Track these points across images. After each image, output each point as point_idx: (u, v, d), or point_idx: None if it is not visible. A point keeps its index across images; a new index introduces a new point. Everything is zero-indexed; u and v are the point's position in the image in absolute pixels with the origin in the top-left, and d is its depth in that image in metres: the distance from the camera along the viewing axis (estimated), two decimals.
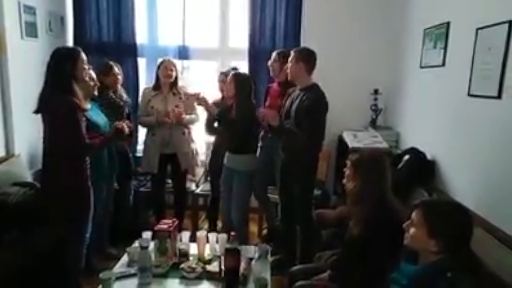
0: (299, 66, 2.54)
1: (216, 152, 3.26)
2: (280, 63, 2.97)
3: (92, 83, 2.61)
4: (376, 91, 3.70)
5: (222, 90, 3.19)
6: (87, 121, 2.34)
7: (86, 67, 2.25)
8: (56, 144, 2.15)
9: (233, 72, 2.86)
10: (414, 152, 2.74)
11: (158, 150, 3.26)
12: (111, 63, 3.14)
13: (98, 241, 2.89)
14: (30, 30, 3.21)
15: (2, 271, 2.18)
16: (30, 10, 3.22)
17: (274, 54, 3.06)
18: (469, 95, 2.31)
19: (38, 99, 2.15)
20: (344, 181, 1.97)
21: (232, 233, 1.99)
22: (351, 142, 3.15)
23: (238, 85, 2.77)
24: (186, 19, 3.85)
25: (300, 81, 2.58)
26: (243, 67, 3.73)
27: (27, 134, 3.03)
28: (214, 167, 3.28)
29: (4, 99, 2.97)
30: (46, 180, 2.26)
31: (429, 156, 2.73)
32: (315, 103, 2.45)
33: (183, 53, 3.88)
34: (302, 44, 3.69)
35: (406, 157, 2.71)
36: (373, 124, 3.69)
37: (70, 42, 3.78)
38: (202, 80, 4.05)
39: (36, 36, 3.27)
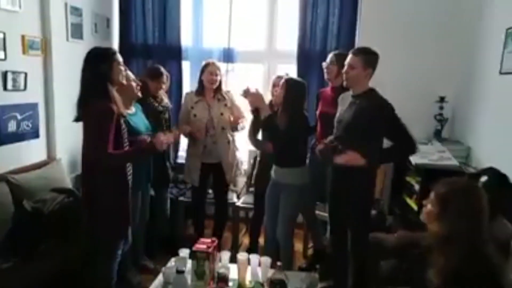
0: (368, 73, 2.20)
1: (265, 165, 2.99)
2: (337, 66, 2.66)
3: (134, 84, 2.47)
4: (442, 99, 3.28)
5: (273, 94, 2.94)
6: (127, 126, 2.18)
7: (123, 68, 2.08)
8: (86, 152, 2.00)
9: (286, 77, 2.58)
10: (494, 173, 2.32)
11: (199, 160, 3.05)
12: (162, 70, 3.00)
13: (132, 252, 2.74)
14: (76, 31, 3.16)
15: (36, 282, 2.08)
16: (77, 11, 3.17)
17: (330, 56, 2.75)
18: None
19: (76, 106, 2.01)
20: (424, 216, 1.61)
21: (278, 263, 1.72)
22: (414, 157, 2.76)
23: (289, 92, 2.48)
24: (232, 20, 3.65)
25: (359, 87, 2.25)
26: (292, 71, 3.47)
27: (69, 138, 2.95)
28: (262, 181, 3.02)
29: (48, 101, 2.93)
30: (84, 192, 2.11)
31: None
32: (378, 112, 2.13)
33: (228, 56, 3.69)
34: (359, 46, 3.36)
35: (484, 178, 2.30)
36: (438, 136, 3.27)
37: (115, 44, 3.72)
38: (247, 84, 3.83)
39: (81, 38, 3.21)
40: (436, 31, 3.30)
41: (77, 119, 2.01)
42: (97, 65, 1.95)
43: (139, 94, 2.49)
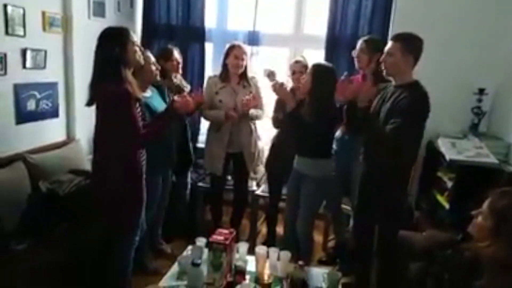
0: (407, 60, 2.01)
1: (278, 150, 2.87)
2: (368, 53, 2.48)
3: (153, 68, 2.37)
4: (481, 91, 3.05)
5: (293, 80, 2.78)
6: (146, 109, 2.08)
7: (137, 48, 1.96)
8: (108, 137, 1.92)
9: (314, 63, 2.39)
10: None
11: (224, 150, 2.92)
12: (171, 46, 2.88)
13: (150, 237, 2.69)
14: (98, 9, 3.08)
15: (49, 265, 2.04)
16: None
17: (360, 42, 2.57)
18: None
19: (88, 89, 1.92)
20: (473, 229, 1.37)
21: (300, 263, 1.61)
22: (448, 152, 2.58)
23: (318, 80, 2.30)
24: (258, 1, 3.48)
25: (401, 77, 2.06)
26: (319, 57, 3.29)
27: (89, 118, 2.86)
28: (274, 169, 2.90)
29: (68, 81, 2.87)
30: (96, 176, 2.05)
31: None
32: (417, 104, 1.95)
33: (253, 38, 3.53)
34: (393, 32, 3.15)
35: None
36: (474, 130, 3.05)
37: (138, 24, 3.62)
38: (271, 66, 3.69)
39: (103, 16, 3.13)
40: (478, 17, 3.04)
41: (88, 103, 1.93)
42: (109, 47, 1.85)
43: (158, 77, 2.39)
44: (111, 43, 1.86)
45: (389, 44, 2.05)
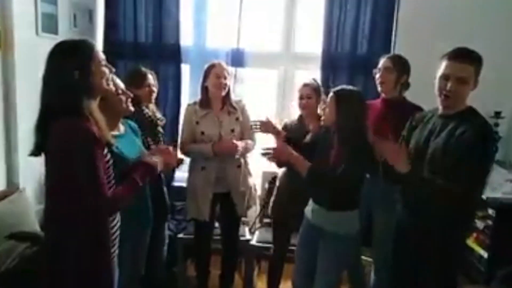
0: (474, 86, 1.61)
1: (286, 192, 2.36)
2: (396, 73, 2.08)
3: (124, 97, 1.81)
4: (497, 114, 2.75)
5: (303, 107, 2.31)
6: (111, 156, 1.51)
7: (106, 70, 1.41)
8: (61, 197, 1.33)
9: (339, 88, 1.88)
10: None
11: (211, 190, 2.41)
12: (144, 69, 2.36)
13: None
14: (49, 24, 2.48)
15: None
16: None
17: (385, 60, 2.16)
18: None
19: (34, 131, 1.35)
20: None
21: None
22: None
23: (345, 113, 1.79)
24: (242, 15, 3.02)
25: (456, 107, 1.63)
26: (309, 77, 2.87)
27: (37, 160, 2.25)
28: (281, 214, 2.39)
29: (8, 113, 2.23)
30: (45, 246, 1.43)
31: None
32: (485, 139, 1.53)
33: (237, 58, 3.05)
34: (396, 50, 2.80)
35: None
36: None
37: (99, 42, 3.03)
38: (258, 93, 3.24)
39: (56, 33, 2.53)
40: (490, 34, 2.76)
41: (34, 152, 1.35)
42: (65, 69, 1.29)
43: (131, 108, 1.83)
44: (68, 64, 1.30)
45: (460, 66, 1.58)
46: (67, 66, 1.29)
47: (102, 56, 1.38)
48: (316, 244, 1.91)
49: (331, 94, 1.84)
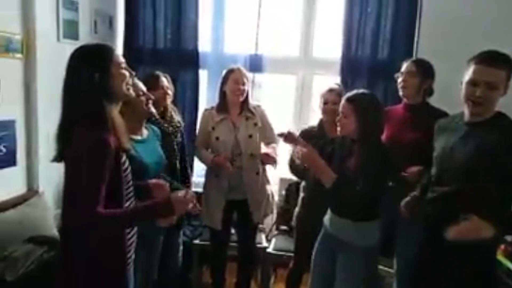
0: (503, 89, 1.50)
1: (311, 202, 2.29)
2: (419, 77, 2.01)
3: (143, 99, 1.82)
4: None
5: (328, 113, 2.24)
6: (129, 163, 1.50)
7: (127, 73, 1.39)
8: (70, 204, 1.31)
9: (352, 94, 1.80)
10: None
11: (224, 197, 2.38)
12: (158, 73, 2.35)
13: None
14: (70, 30, 2.52)
15: None
16: (72, 5, 2.54)
17: (409, 64, 2.09)
18: None
19: (55, 137, 1.34)
20: None
21: None
22: None
23: (364, 118, 1.71)
24: (260, 21, 3.01)
25: (484, 113, 1.55)
26: (332, 82, 2.82)
27: (56, 165, 2.29)
28: (305, 226, 2.31)
29: (29, 118, 2.27)
30: (64, 244, 1.42)
31: None
32: None
33: (255, 63, 3.03)
34: (418, 54, 2.73)
35: None
36: None
37: (119, 48, 3.07)
38: (276, 99, 3.20)
39: (77, 38, 2.58)
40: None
41: (56, 158, 1.34)
42: (86, 72, 1.28)
43: (152, 109, 1.84)
44: (88, 67, 1.29)
45: (490, 71, 1.49)
46: (87, 69, 1.28)
47: (122, 59, 1.38)
48: (334, 253, 1.85)
49: (343, 102, 1.77)
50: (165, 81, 2.33)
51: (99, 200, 1.23)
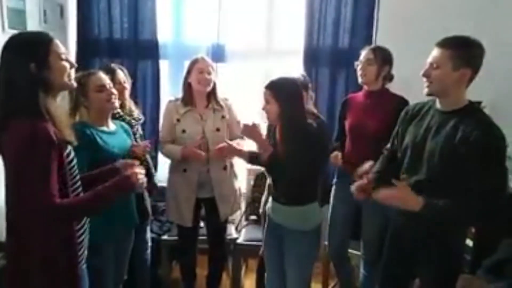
0: (459, 76, 1.49)
1: None
2: (377, 64, 2.05)
3: (104, 94, 1.75)
4: (478, 104, 2.76)
5: None
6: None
7: (67, 64, 1.29)
8: (15, 202, 1.25)
9: (271, 80, 1.78)
10: None
11: (193, 195, 2.32)
12: (113, 66, 2.24)
13: None
14: (17, 19, 2.34)
15: None
16: None
17: (366, 52, 2.12)
18: None
19: None
20: None
21: None
22: None
23: (282, 101, 1.71)
24: (222, 9, 2.95)
25: (449, 99, 1.55)
26: (297, 72, 2.83)
27: None
28: None
29: None
30: (8, 266, 1.35)
31: None
32: (493, 140, 1.43)
33: (218, 53, 2.98)
34: (377, 41, 2.79)
35: None
36: None
37: (72, 39, 2.90)
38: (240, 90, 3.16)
39: (24, 28, 2.39)
40: (471, 27, 2.75)
41: None
42: (20, 62, 1.20)
43: (115, 104, 1.77)
44: (23, 57, 1.20)
45: (434, 51, 1.53)
46: (22, 59, 1.20)
47: (62, 49, 1.29)
48: (280, 242, 1.87)
49: (264, 89, 1.76)
50: (121, 74, 2.23)
51: (54, 191, 1.18)
